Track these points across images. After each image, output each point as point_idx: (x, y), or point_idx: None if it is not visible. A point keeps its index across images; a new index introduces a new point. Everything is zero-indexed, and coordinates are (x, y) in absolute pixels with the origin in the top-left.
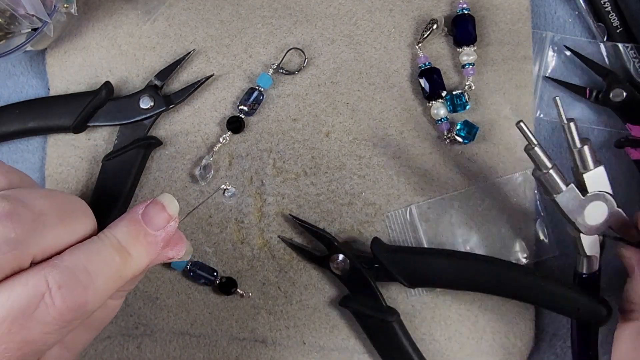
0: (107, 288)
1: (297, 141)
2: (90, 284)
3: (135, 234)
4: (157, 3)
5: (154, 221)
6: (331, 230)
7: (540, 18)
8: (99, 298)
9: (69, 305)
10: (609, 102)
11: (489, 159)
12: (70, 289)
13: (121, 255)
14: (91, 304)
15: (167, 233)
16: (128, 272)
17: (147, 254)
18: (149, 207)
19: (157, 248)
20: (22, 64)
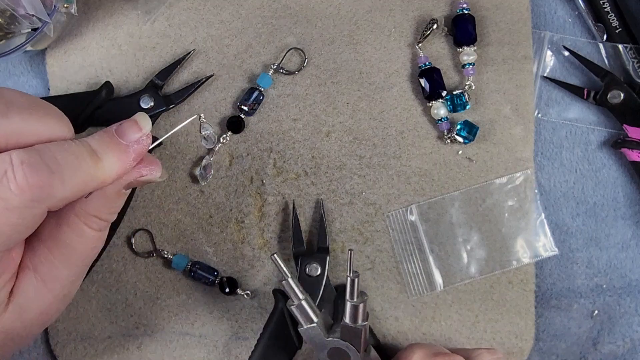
0: (75, 183)
1: (297, 141)
2: (57, 170)
3: (107, 141)
4: (157, 3)
5: (127, 134)
6: (332, 229)
7: (540, 18)
8: (66, 189)
9: (30, 182)
10: (607, 103)
11: (489, 159)
12: (33, 167)
13: (92, 157)
14: (56, 189)
15: (140, 145)
16: (98, 173)
17: (118, 160)
18: (123, 123)
19: (128, 157)
20: (22, 64)
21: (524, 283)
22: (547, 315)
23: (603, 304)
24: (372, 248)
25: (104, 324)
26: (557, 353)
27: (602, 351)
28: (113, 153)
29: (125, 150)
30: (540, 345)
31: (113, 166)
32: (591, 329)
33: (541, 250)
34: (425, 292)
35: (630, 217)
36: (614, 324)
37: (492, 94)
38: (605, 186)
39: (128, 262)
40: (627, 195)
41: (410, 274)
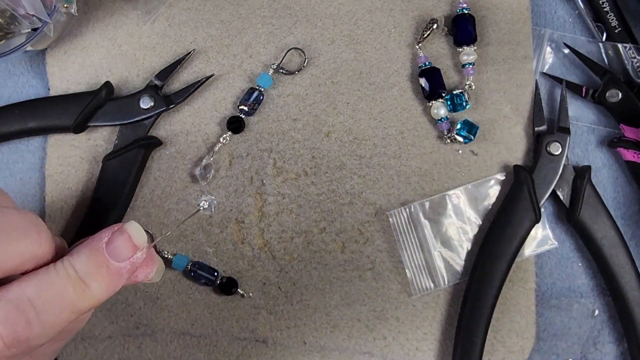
0: (56, 322)
1: (298, 141)
2: (34, 319)
3: (96, 265)
4: (157, 3)
5: (119, 252)
6: (332, 229)
7: (540, 17)
8: (47, 332)
9: (7, 342)
10: (605, 102)
11: (489, 158)
12: (11, 324)
13: (77, 287)
14: (36, 339)
15: (133, 265)
16: (84, 304)
17: (108, 286)
18: (114, 236)
19: (120, 280)
20: (22, 64)
21: (524, 281)
22: (547, 315)
23: (603, 304)
24: (372, 248)
25: (104, 324)
26: (558, 352)
27: (603, 351)
28: (103, 278)
29: (117, 272)
30: (541, 345)
31: (102, 291)
32: (592, 328)
33: (541, 243)
34: (429, 289)
35: (630, 217)
36: (615, 323)
37: (492, 94)
38: (605, 186)
39: None
40: (627, 195)
41: (414, 271)
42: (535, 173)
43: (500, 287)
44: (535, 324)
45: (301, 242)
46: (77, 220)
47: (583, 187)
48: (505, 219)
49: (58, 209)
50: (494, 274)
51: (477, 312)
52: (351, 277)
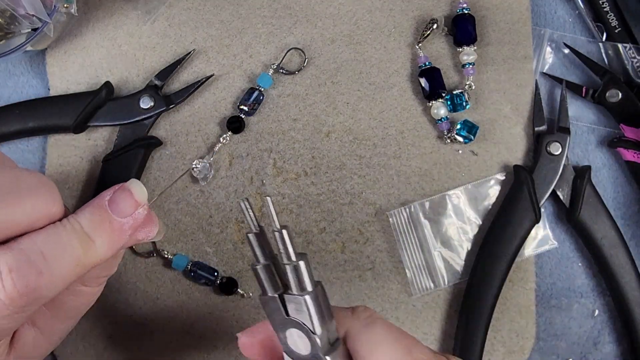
0: (65, 275)
1: (298, 141)
2: (45, 269)
3: (99, 220)
4: (157, 3)
5: (121, 208)
6: (332, 229)
7: (540, 17)
8: (56, 284)
9: (19, 290)
10: (605, 102)
11: (489, 158)
12: (21, 272)
13: (82, 242)
14: (45, 289)
15: (135, 220)
16: (90, 259)
17: (111, 241)
18: (116, 193)
19: (123, 236)
20: (22, 64)
21: (524, 281)
22: (547, 315)
23: (603, 304)
24: (372, 248)
25: (104, 323)
26: (558, 353)
27: (603, 351)
28: (106, 233)
29: (120, 228)
30: (541, 345)
31: (106, 247)
32: (592, 328)
33: (541, 243)
34: (429, 289)
35: (630, 217)
36: (615, 323)
37: (492, 94)
38: (605, 186)
39: (128, 262)
40: (627, 195)
41: (414, 271)
42: (535, 173)
43: (500, 287)
44: (535, 324)
45: (301, 242)
46: None
47: (583, 187)
48: (505, 219)
49: None
50: (494, 274)
51: (477, 312)
52: (351, 277)
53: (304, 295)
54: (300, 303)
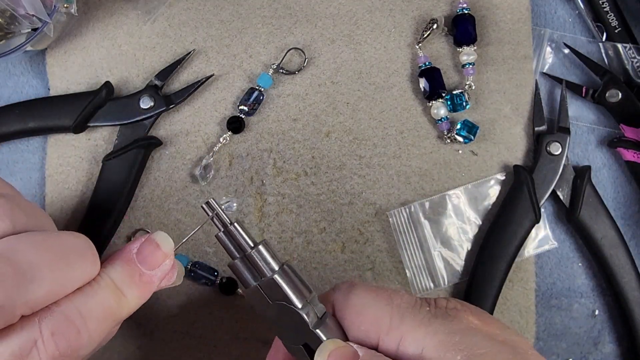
0: (101, 330)
1: (298, 141)
2: (83, 328)
3: (130, 274)
4: (157, 3)
5: (149, 260)
6: (332, 229)
7: (540, 17)
8: (93, 341)
9: (61, 352)
10: (605, 102)
11: (489, 158)
12: (63, 335)
13: (116, 297)
14: (84, 348)
15: (163, 272)
16: (122, 312)
17: (142, 293)
18: (144, 246)
19: (152, 287)
20: (22, 64)
21: (524, 281)
22: (547, 315)
23: (603, 304)
24: (372, 248)
25: None
26: (558, 353)
27: (603, 351)
28: (137, 287)
29: (149, 280)
30: (541, 345)
31: (137, 300)
32: (592, 328)
33: (541, 243)
34: (429, 289)
35: (630, 217)
36: (615, 323)
37: (492, 94)
38: (605, 186)
39: None
40: (627, 195)
41: (414, 271)
42: (535, 173)
43: (500, 287)
44: (535, 324)
45: (301, 242)
46: (77, 220)
47: (583, 187)
48: (505, 219)
49: (58, 209)
50: (494, 274)
51: None
52: (351, 277)
53: (274, 275)
54: (273, 284)
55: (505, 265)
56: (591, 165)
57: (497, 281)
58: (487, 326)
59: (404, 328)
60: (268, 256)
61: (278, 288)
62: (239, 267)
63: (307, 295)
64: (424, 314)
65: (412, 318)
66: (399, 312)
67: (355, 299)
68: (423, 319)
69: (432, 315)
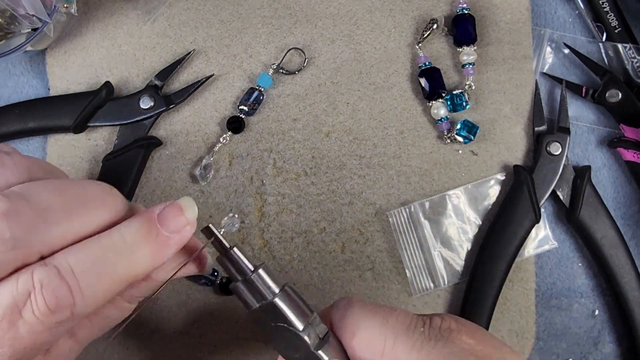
0: (97, 289)
1: (298, 141)
2: (75, 286)
3: (146, 231)
4: (157, 3)
5: (169, 223)
6: (332, 229)
7: (540, 17)
8: (90, 301)
9: (50, 307)
10: (605, 102)
11: (489, 158)
12: (52, 289)
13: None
14: (79, 307)
15: (182, 237)
16: (128, 272)
17: (153, 255)
18: (167, 209)
19: (166, 251)
20: (22, 64)
21: (524, 281)
22: (547, 315)
23: (603, 304)
24: (372, 248)
25: None
26: (558, 353)
27: (603, 351)
28: (151, 246)
29: (165, 242)
30: (541, 345)
31: (149, 260)
32: (592, 328)
33: (541, 243)
34: (429, 289)
35: (630, 217)
36: (615, 323)
37: (492, 94)
38: (605, 186)
39: None
40: (627, 195)
41: (414, 271)
42: (535, 173)
43: (500, 287)
44: (535, 324)
45: (301, 242)
46: None
47: (583, 187)
48: (505, 219)
49: None
50: (494, 274)
51: (477, 312)
52: (351, 277)
53: (274, 298)
54: (273, 307)
55: (505, 265)
56: (591, 165)
57: (497, 281)
58: (481, 345)
59: (397, 351)
60: (268, 279)
61: (279, 311)
62: (240, 289)
63: (309, 316)
64: (417, 335)
65: (405, 341)
66: (393, 333)
67: (351, 319)
68: (416, 342)
69: (426, 338)
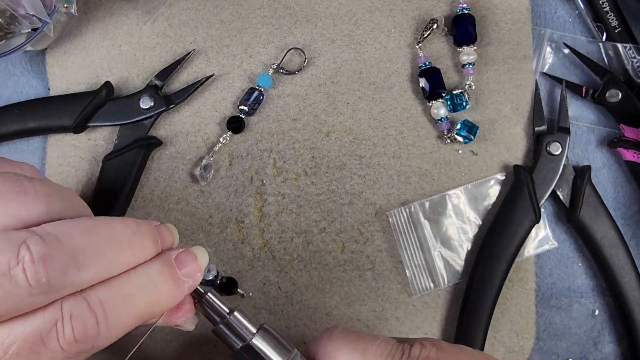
0: (122, 324)
1: (298, 141)
2: (102, 320)
3: (167, 273)
4: (157, 3)
5: (185, 267)
6: (332, 229)
7: (540, 17)
8: (113, 334)
9: (77, 337)
10: (605, 102)
11: (489, 158)
12: (82, 321)
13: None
14: (101, 340)
15: (194, 282)
16: (148, 311)
17: (172, 295)
18: (182, 254)
19: (182, 292)
20: (22, 64)
21: (524, 281)
22: (547, 315)
23: (603, 304)
24: (372, 248)
25: None
26: (558, 353)
27: (603, 351)
28: (169, 287)
29: (182, 285)
30: (541, 345)
31: (167, 301)
32: (592, 328)
33: (541, 243)
34: (429, 289)
35: (630, 217)
36: (615, 323)
37: (492, 94)
38: (605, 186)
39: None
40: (627, 195)
41: (414, 271)
42: (535, 173)
43: (500, 287)
44: (535, 324)
45: (301, 242)
46: None
47: (583, 187)
48: (505, 219)
49: None
50: (494, 274)
51: (477, 312)
52: (351, 277)
53: (251, 340)
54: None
55: (505, 265)
56: (591, 165)
57: (497, 281)
58: None
59: None
60: (245, 321)
61: (258, 351)
62: (221, 332)
63: (290, 353)
64: None
65: None
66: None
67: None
68: None
69: None
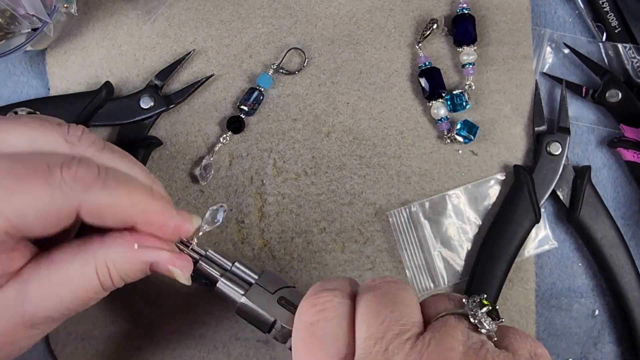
0: (120, 200)
1: (298, 141)
2: (104, 173)
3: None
4: (157, 3)
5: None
6: (332, 229)
7: (540, 17)
8: (109, 194)
9: (78, 174)
10: (605, 102)
11: (489, 158)
12: (84, 165)
13: (145, 188)
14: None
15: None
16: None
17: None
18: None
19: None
20: (22, 64)
21: (524, 281)
22: (547, 315)
23: (603, 304)
24: (372, 248)
25: (104, 323)
26: (558, 353)
27: (603, 351)
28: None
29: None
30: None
31: (158, 204)
32: (592, 328)
33: (541, 244)
34: (429, 289)
35: (630, 217)
36: (615, 323)
37: (492, 94)
38: (605, 186)
39: None
40: (627, 195)
41: (414, 271)
42: (535, 173)
43: (500, 287)
44: (535, 324)
45: (301, 242)
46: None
47: (583, 187)
48: (505, 219)
49: None
50: (494, 274)
51: None
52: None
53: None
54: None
55: (505, 265)
56: (591, 165)
57: (497, 281)
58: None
59: None
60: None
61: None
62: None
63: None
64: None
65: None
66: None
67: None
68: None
69: None
